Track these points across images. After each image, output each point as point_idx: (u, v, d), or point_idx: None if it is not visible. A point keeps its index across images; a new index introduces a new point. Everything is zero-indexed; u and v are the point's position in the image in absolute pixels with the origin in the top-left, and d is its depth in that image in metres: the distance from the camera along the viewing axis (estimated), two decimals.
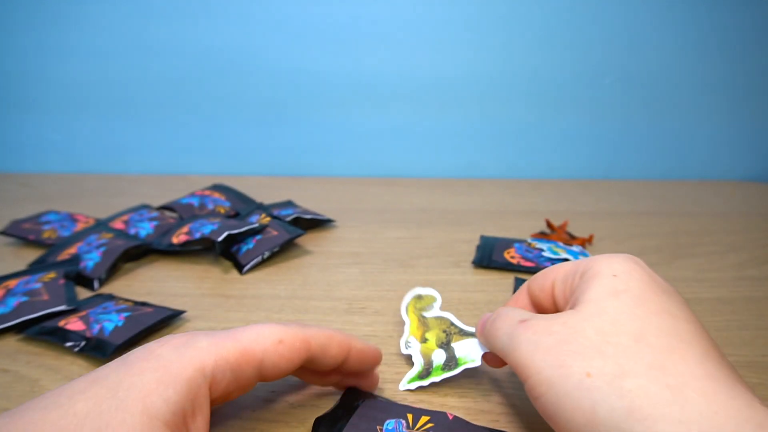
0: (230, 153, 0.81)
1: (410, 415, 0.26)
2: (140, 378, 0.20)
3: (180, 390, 0.20)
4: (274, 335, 0.24)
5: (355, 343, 0.27)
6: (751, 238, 0.57)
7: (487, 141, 0.81)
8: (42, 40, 0.74)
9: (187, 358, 0.21)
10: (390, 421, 0.26)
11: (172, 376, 0.20)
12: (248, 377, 0.23)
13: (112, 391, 0.19)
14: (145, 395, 0.19)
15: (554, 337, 0.22)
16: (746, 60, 0.78)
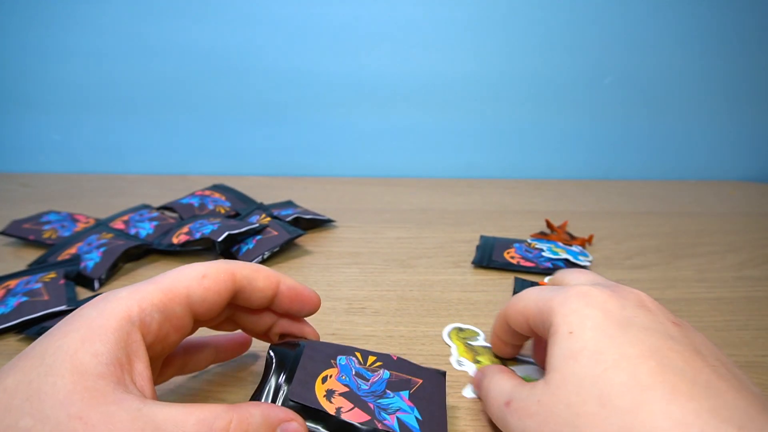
0: (230, 153, 0.81)
1: (359, 354, 0.27)
2: (64, 340, 0.19)
3: (107, 341, 0.20)
4: (196, 271, 0.24)
5: (285, 279, 0.27)
6: (751, 238, 0.57)
7: (487, 141, 0.81)
8: (42, 40, 0.74)
9: (109, 311, 0.21)
10: (341, 357, 0.26)
11: (96, 330, 0.20)
12: (179, 316, 0.23)
13: (39, 359, 0.19)
14: (72, 354, 0.19)
15: (535, 419, 0.22)
16: (746, 60, 0.78)
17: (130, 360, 0.20)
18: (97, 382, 0.19)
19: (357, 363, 0.26)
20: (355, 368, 0.26)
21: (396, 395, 0.25)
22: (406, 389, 0.26)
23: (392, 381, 0.26)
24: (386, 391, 0.25)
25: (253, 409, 0.20)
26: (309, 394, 0.23)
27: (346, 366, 0.25)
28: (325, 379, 0.24)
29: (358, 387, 0.24)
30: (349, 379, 0.25)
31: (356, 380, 0.25)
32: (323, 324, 0.37)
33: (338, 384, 0.24)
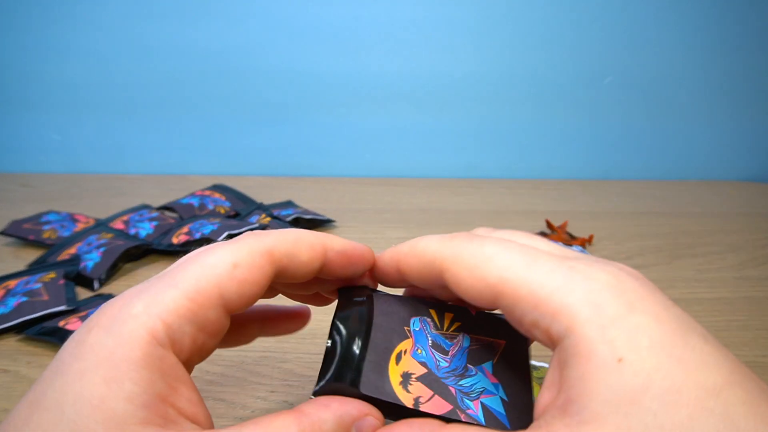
0: (230, 153, 0.81)
1: (433, 311, 0.23)
2: (83, 384, 0.16)
3: (138, 378, 0.16)
4: (224, 261, 0.18)
5: (332, 243, 0.21)
6: (751, 239, 0.57)
7: (487, 141, 0.81)
8: (42, 40, 0.74)
9: (128, 336, 0.16)
10: (415, 319, 0.22)
11: (119, 365, 0.16)
12: (214, 321, 0.18)
13: (58, 413, 0.15)
14: (98, 404, 0.15)
15: None
16: (746, 60, 0.77)
17: (173, 387, 0.17)
18: (140, 428, 0.15)
19: (432, 327, 0.22)
20: (431, 335, 0.22)
21: (479, 371, 0.21)
22: (489, 359, 0.22)
23: (473, 349, 0.22)
24: (468, 366, 0.21)
25: (324, 413, 0.18)
26: (384, 385, 0.19)
27: (421, 333, 0.21)
28: (400, 357, 0.20)
29: (437, 365, 0.21)
30: (425, 354, 0.21)
31: (434, 355, 0.21)
32: (323, 324, 0.37)
33: (414, 363, 0.20)
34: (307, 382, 0.31)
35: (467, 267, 0.18)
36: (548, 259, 0.17)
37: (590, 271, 0.17)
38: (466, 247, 0.19)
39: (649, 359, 0.15)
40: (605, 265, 0.17)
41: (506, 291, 0.17)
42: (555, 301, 0.16)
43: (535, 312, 0.17)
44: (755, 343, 0.36)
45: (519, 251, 0.18)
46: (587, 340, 0.15)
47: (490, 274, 0.18)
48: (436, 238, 0.20)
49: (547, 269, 0.17)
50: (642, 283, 0.17)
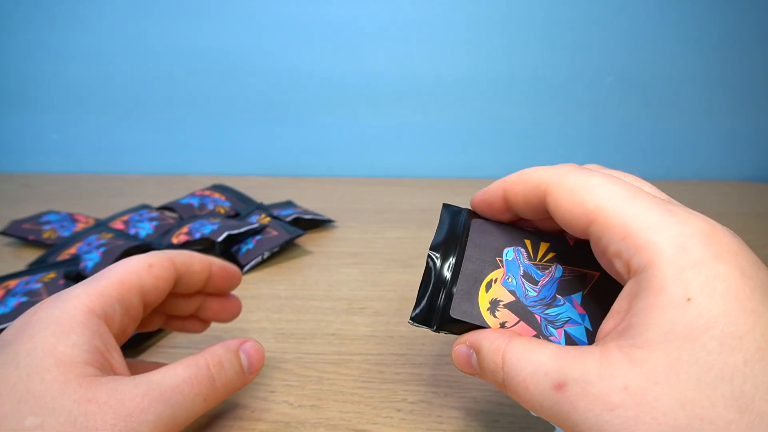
0: (230, 153, 0.81)
1: (528, 241, 0.23)
2: (34, 342, 0.19)
3: (81, 332, 0.20)
4: (143, 261, 0.24)
5: (213, 260, 0.28)
6: (751, 239, 0.57)
7: (487, 141, 0.81)
8: (42, 40, 0.74)
9: (71, 308, 0.21)
10: (508, 249, 0.23)
11: (65, 325, 0.20)
12: (135, 306, 0.24)
13: (13, 365, 0.18)
14: (50, 350, 0.19)
15: (621, 415, 0.15)
16: (746, 60, 0.77)
17: (107, 349, 0.21)
18: (86, 369, 0.19)
19: (526, 257, 0.23)
20: (524, 265, 0.22)
21: (567, 301, 0.21)
22: (580, 290, 0.22)
23: (564, 279, 0.22)
24: (556, 296, 0.22)
25: (216, 346, 0.24)
26: (472, 310, 0.21)
27: (513, 263, 0.22)
28: (490, 285, 0.22)
29: (525, 294, 0.22)
30: (515, 283, 0.22)
31: (523, 284, 0.22)
32: (323, 324, 0.37)
33: (503, 291, 0.22)
34: (307, 382, 0.31)
35: (569, 191, 0.19)
36: (649, 198, 0.18)
37: (687, 217, 0.17)
38: (573, 174, 0.20)
39: (718, 304, 0.15)
40: (704, 218, 0.18)
41: (599, 219, 0.18)
42: (643, 236, 0.17)
43: (621, 243, 0.17)
44: None
45: (623, 186, 0.18)
46: (662, 277, 0.16)
47: (589, 201, 0.18)
48: (544, 167, 0.21)
49: (644, 207, 0.17)
50: (738, 241, 0.17)
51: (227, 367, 0.23)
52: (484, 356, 0.20)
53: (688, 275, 0.16)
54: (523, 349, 0.19)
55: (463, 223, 0.23)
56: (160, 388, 0.20)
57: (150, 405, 0.19)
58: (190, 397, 0.21)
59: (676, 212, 0.17)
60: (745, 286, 0.15)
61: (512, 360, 0.19)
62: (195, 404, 0.21)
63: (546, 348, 0.18)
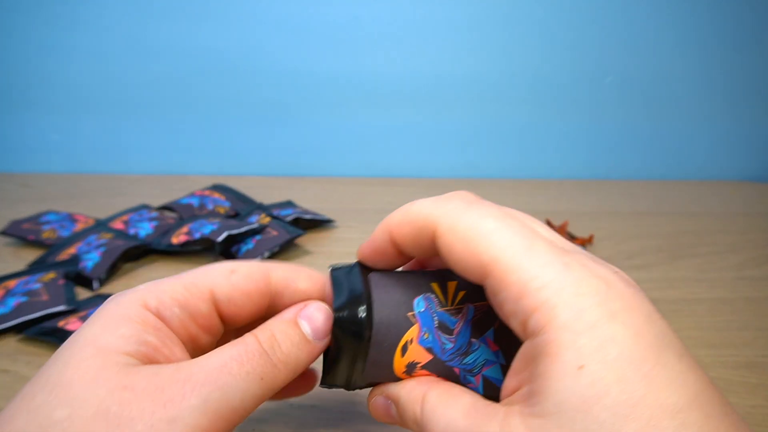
0: (230, 153, 0.81)
1: (435, 284, 0.21)
2: (80, 334, 0.18)
3: (132, 325, 0.18)
4: (225, 266, 0.21)
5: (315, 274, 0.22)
6: (751, 239, 0.57)
7: (487, 141, 0.81)
8: (43, 40, 0.74)
9: (126, 301, 0.19)
10: (418, 300, 0.21)
11: (116, 318, 0.18)
12: (205, 315, 0.20)
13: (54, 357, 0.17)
14: (92, 340, 0.17)
15: None
16: (746, 60, 0.77)
17: (163, 343, 0.18)
18: (127, 359, 0.17)
19: (437, 304, 0.21)
20: (437, 314, 0.20)
21: (481, 343, 0.20)
22: (491, 326, 0.21)
23: (477, 319, 0.21)
24: (471, 341, 0.20)
25: (269, 320, 0.21)
26: (388, 374, 0.20)
27: (426, 314, 0.20)
28: (406, 348, 0.20)
29: (442, 349, 0.20)
30: (431, 338, 0.20)
31: (439, 338, 0.20)
32: None
33: (420, 350, 0.20)
34: None
35: (462, 239, 0.17)
36: (546, 248, 0.17)
37: (583, 273, 0.16)
38: (464, 216, 0.18)
39: (611, 370, 0.15)
40: (600, 268, 0.17)
41: (495, 273, 0.17)
42: (540, 297, 0.16)
43: (518, 302, 0.16)
44: (756, 343, 0.36)
45: (519, 232, 0.17)
46: (557, 343, 0.15)
47: (484, 251, 0.17)
48: (430, 201, 0.20)
49: (542, 261, 0.16)
50: (634, 291, 0.17)
51: (282, 339, 0.20)
52: (404, 407, 0.20)
53: (582, 341, 0.15)
54: (440, 401, 0.19)
55: (359, 281, 0.21)
56: (205, 370, 0.17)
57: (194, 389, 0.17)
58: (242, 377, 0.18)
59: (573, 267, 0.16)
60: (639, 346, 0.15)
61: (429, 412, 0.19)
62: (250, 384, 0.18)
63: (460, 400, 0.18)
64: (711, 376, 0.34)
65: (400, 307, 0.20)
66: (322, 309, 0.21)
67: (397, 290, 0.21)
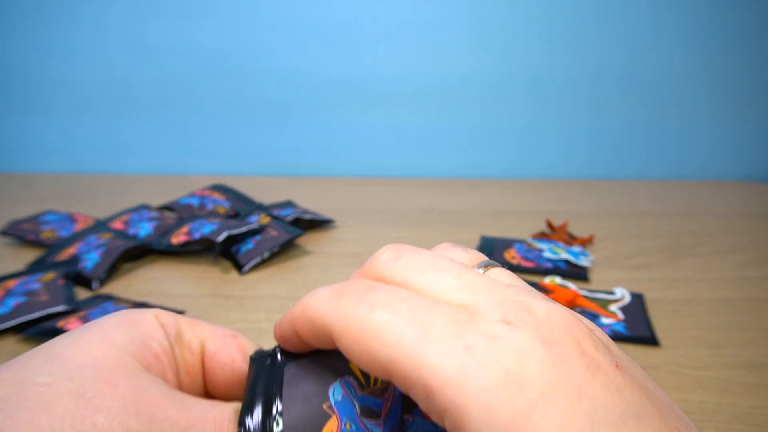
0: (230, 153, 0.81)
1: (354, 368, 0.19)
2: (95, 325, 0.18)
3: (143, 330, 0.19)
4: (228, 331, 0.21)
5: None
6: (752, 239, 0.57)
7: (487, 141, 0.81)
8: (43, 40, 0.74)
9: (142, 311, 0.20)
10: (335, 386, 0.19)
11: (130, 320, 0.19)
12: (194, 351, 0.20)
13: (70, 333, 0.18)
14: (105, 330, 0.18)
15: None
16: (746, 60, 0.77)
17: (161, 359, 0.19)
18: (129, 358, 0.17)
19: (357, 387, 0.19)
20: (358, 399, 0.19)
21: (415, 417, 0.19)
22: None
23: (406, 399, 0.19)
24: (404, 418, 0.19)
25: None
26: None
27: (344, 403, 0.18)
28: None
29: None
30: (355, 428, 0.18)
31: (365, 426, 0.18)
32: None
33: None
34: None
35: (355, 339, 0.16)
36: (443, 329, 0.15)
37: (489, 355, 0.14)
38: (354, 313, 0.16)
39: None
40: (512, 333, 0.15)
41: (396, 373, 0.15)
42: (446, 397, 0.14)
43: (427, 401, 0.15)
44: (756, 343, 0.36)
45: (410, 317, 0.15)
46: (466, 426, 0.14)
47: (379, 350, 0.15)
48: (325, 296, 0.18)
49: (439, 350, 0.15)
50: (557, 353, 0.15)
51: None
52: None
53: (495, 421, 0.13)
54: None
55: (274, 374, 0.19)
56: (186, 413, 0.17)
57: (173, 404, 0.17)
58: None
59: (475, 349, 0.14)
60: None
61: None
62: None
63: None
64: (711, 376, 0.34)
65: (312, 400, 0.18)
66: None
67: (311, 380, 0.19)
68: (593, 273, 0.48)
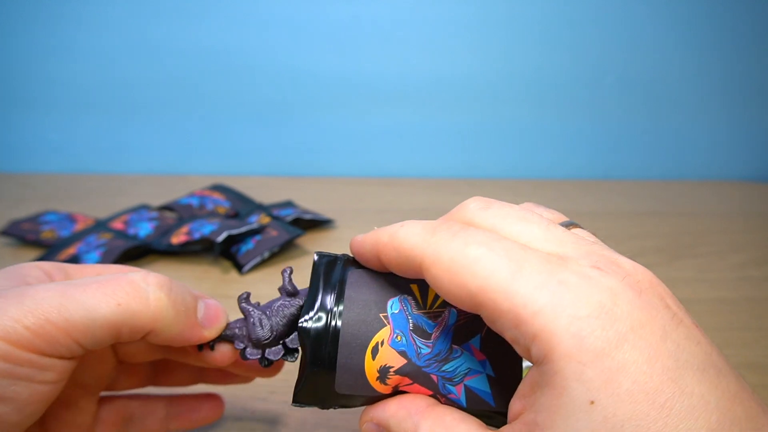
0: (230, 153, 0.81)
1: (415, 286, 0.20)
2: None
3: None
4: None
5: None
6: (752, 239, 0.57)
7: (487, 141, 0.81)
8: (42, 40, 0.74)
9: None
10: (393, 300, 0.20)
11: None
12: None
13: None
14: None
15: None
16: (746, 60, 0.77)
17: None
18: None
19: (414, 306, 0.20)
20: (413, 317, 0.19)
21: (464, 350, 0.19)
22: (478, 332, 0.19)
23: (460, 324, 0.20)
24: (452, 347, 0.19)
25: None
26: (359, 381, 0.19)
27: (400, 316, 0.19)
28: (377, 350, 0.19)
29: (417, 353, 0.19)
30: (405, 341, 0.19)
31: (414, 341, 0.19)
32: None
33: (392, 353, 0.19)
34: None
35: (447, 270, 0.16)
36: (537, 266, 0.16)
37: (582, 289, 0.15)
38: (448, 247, 0.17)
39: (625, 405, 0.13)
40: (604, 276, 0.15)
41: (487, 302, 0.16)
42: (537, 324, 0.15)
43: (515, 330, 0.15)
44: (757, 343, 0.36)
45: (505, 254, 0.16)
46: (563, 375, 0.14)
47: (471, 281, 0.16)
48: (418, 230, 0.18)
49: (532, 283, 0.15)
50: (645, 300, 0.15)
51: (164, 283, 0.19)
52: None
53: (589, 372, 0.14)
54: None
55: (339, 276, 0.20)
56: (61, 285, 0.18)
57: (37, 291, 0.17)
58: (91, 293, 0.17)
59: (569, 284, 0.15)
60: (653, 373, 0.14)
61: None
62: (100, 304, 0.17)
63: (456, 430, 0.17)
64: None
65: (371, 306, 0.19)
66: (218, 306, 0.22)
67: (372, 290, 0.20)
68: None
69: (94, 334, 0.17)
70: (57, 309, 0.17)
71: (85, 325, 0.17)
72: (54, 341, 0.17)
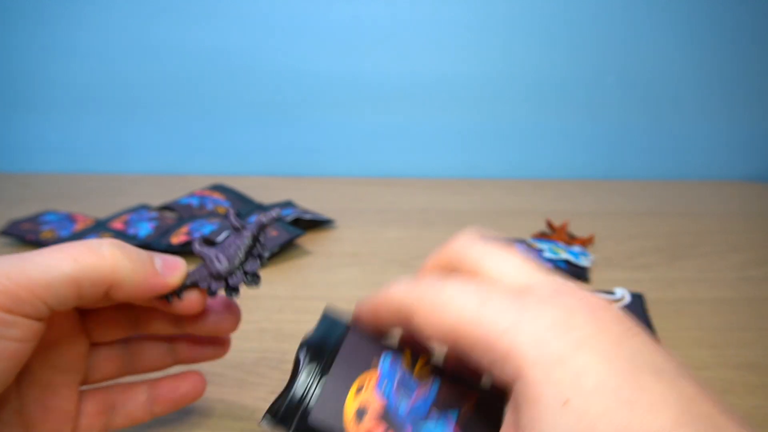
0: (230, 153, 0.81)
1: (409, 351, 0.22)
2: None
3: None
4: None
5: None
6: (752, 239, 0.57)
7: (487, 141, 0.81)
8: (43, 40, 0.74)
9: None
10: (387, 353, 0.22)
11: None
12: None
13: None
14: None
15: None
16: (746, 60, 0.77)
17: None
18: None
19: (404, 365, 0.21)
20: (401, 371, 0.21)
21: (441, 419, 0.20)
22: (457, 408, 0.21)
23: (440, 397, 0.21)
24: (431, 410, 0.20)
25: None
26: (334, 417, 0.20)
27: (391, 367, 0.21)
28: (361, 389, 0.20)
29: (396, 408, 0.20)
30: (389, 391, 0.20)
31: (397, 396, 0.20)
32: None
33: (374, 398, 0.20)
34: None
35: (429, 311, 0.19)
36: (501, 297, 0.18)
37: (541, 309, 0.17)
38: (428, 292, 0.19)
39: (594, 402, 0.14)
40: (561, 298, 0.18)
41: (462, 333, 0.18)
42: (504, 343, 0.16)
43: (490, 354, 0.17)
44: (757, 343, 0.36)
45: (474, 291, 0.18)
46: (535, 383, 0.15)
47: (447, 317, 0.18)
48: (404, 284, 0.21)
49: (498, 309, 0.17)
50: (599, 315, 0.17)
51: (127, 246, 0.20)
52: None
53: (557, 374, 0.15)
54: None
55: (339, 334, 0.22)
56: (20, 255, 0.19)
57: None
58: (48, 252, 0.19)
59: (529, 305, 0.17)
60: (613, 372, 0.15)
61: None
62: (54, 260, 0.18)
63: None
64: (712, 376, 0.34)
65: (368, 347, 0.22)
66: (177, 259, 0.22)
67: (367, 345, 0.22)
68: (593, 273, 0.48)
69: (57, 291, 0.18)
70: (18, 268, 0.18)
71: (46, 281, 0.18)
72: (17, 298, 0.17)
